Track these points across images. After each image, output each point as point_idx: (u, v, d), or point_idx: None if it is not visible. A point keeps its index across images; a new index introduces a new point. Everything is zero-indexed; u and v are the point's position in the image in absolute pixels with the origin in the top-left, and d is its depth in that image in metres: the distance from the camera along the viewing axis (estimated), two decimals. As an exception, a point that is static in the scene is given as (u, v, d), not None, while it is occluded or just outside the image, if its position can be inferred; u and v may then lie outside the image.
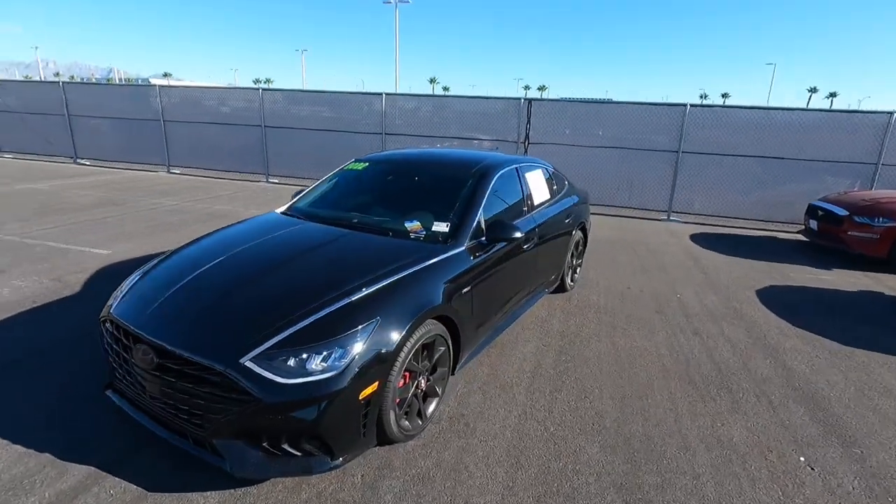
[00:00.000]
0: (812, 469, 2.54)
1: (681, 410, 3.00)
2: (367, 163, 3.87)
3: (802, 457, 2.63)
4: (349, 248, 2.83)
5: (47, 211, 7.41)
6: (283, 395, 1.97)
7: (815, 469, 2.54)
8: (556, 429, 2.77)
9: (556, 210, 4.27)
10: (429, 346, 2.58)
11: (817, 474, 2.50)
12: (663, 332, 4.11)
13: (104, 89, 13.39)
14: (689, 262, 6.28)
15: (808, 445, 2.72)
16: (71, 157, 13.09)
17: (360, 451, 2.26)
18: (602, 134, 9.43)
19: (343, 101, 10.93)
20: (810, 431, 2.84)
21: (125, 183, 10.29)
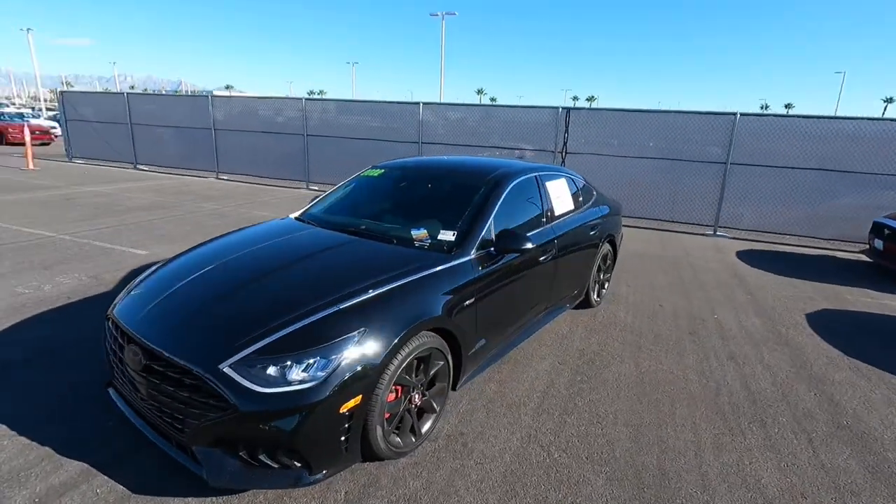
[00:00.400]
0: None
1: (704, 443, 2.72)
2: (383, 169, 3.83)
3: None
4: (349, 255, 2.77)
5: (102, 213, 7.88)
6: (260, 404, 1.91)
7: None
8: (561, 455, 2.57)
9: (579, 221, 4.06)
10: (424, 359, 2.46)
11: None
12: (694, 356, 3.80)
13: (163, 100, 14.24)
14: (732, 281, 5.85)
15: (850, 494, 2.39)
16: (132, 162, 13.96)
17: (342, 466, 2.16)
18: (646, 144, 9.05)
19: (381, 111, 11.08)
20: (855, 478, 2.50)
21: (176, 188, 10.84)
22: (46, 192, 9.42)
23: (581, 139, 9.33)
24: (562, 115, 9.19)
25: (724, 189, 8.50)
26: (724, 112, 8.31)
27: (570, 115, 9.17)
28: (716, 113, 8.41)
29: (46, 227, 6.73)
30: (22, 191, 9.47)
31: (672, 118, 8.79)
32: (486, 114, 10.48)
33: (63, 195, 9.26)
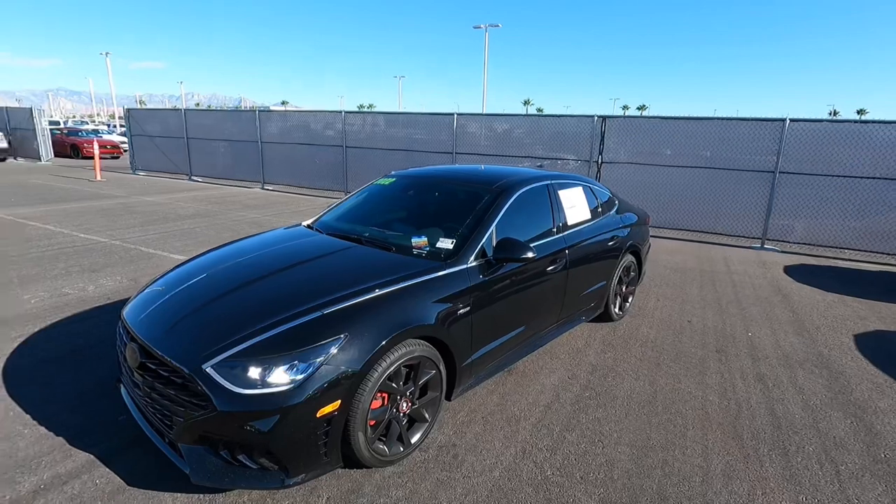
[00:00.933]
0: (875, 567, 1.99)
1: (713, 469, 2.53)
2: (394, 178, 3.87)
3: (865, 549, 2.08)
4: (343, 261, 2.81)
5: (153, 220, 8.41)
6: (238, 404, 1.96)
7: (880, 568, 1.99)
8: (553, 473, 2.47)
9: (596, 231, 3.93)
10: (413, 367, 2.45)
11: (882, 575, 1.95)
12: (717, 375, 3.57)
13: (215, 115, 15.09)
14: (775, 298, 5.46)
15: (877, 535, 2.15)
16: (187, 174, 14.86)
17: (321, 471, 2.17)
18: (688, 153, 8.67)
19: (417, 122, 11.24)
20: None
21: (223, 198, 11.42)
22: (108, 201, 10.17)
23: (619, 148, 9.07)
24: (597, 124, 8.98)
25: (772, 199, 7.98)
26: (771, 118, 7.84)
27: (606, 123, 8.94)
28: (762, 119, 7.94)
29: (101, 233, 7.26)
30: (87, 199, 10.27)
31: (716, 126, 8.38)
32: (521, 123, 10.41)
33: (122, 204, 9.96)
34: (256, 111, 13.22)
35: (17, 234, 6.97)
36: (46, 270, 5.34)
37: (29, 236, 6.85)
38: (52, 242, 6.55)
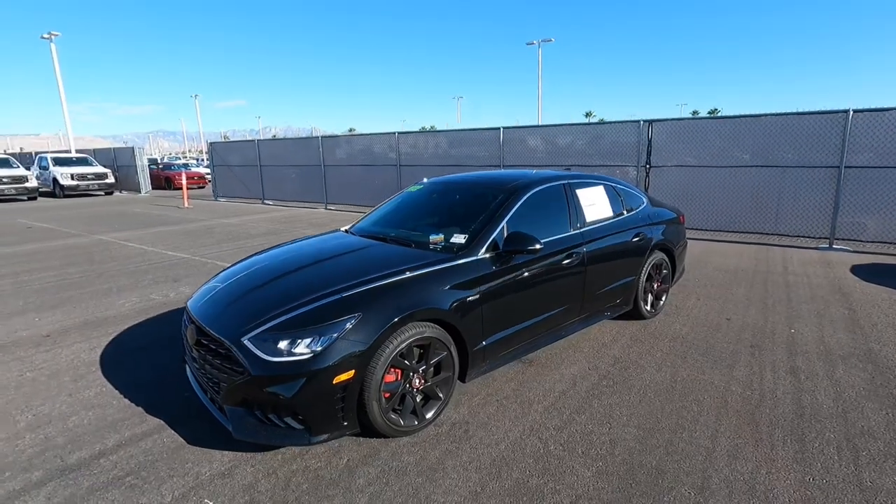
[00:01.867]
0: (874, 542, 1.97)
1: (718, 450, 2.57)
2: (422, 185, 4.22)
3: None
4: (365, 256, 3.17)
5: (228, 239, 9.37)
6: (267, 370, 2.34)
7: (878, 542, 1.96)
8: (556, 448, 2.62)
9: (618, 228, 4.02)
10: (425, 347, 2.72)
11: (878, 549, 1.93)
12: (747, 368, 3.51)
13: (283, 143, 16.42)
14: (832, 297, 5.16)
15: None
16: (260, 198, 16.23)
17: (339, 433, 2.49)
18: (743, 152, 8.35)
19: (467, 138, 11.66)
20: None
21: (289, 218, 12.40)
22: (192, 225, 11.42)
23: (670, 151, 8.91)
24: (644, 129, 8.89)
25: (839, 196, 7.48)
26: (832, 111, 7.40)
27: (653, 127, 8.83)
28: (823, 112, 7.51)
29: (185, 250, 8.23)
30: (176, 223, 11.60)
31: (772, 122, 8.03)
32: (569, 133, 10.48)
33: (204, 226, 11.15)
34: (319, 138, 14.28)
35: (118, 252, 8.09)
36: (138, 281, 6.20)
37: (127, 254, 7.93)
38: (144, 259, 7.54)
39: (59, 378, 3.51)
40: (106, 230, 10.61)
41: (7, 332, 4.43)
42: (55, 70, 25.57)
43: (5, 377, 3.54)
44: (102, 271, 6.76)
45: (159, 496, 2.29)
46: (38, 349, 4.05)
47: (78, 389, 3.33)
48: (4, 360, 3.84)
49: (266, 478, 2.41)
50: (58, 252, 8.18)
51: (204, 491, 2.32)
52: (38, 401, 3.19)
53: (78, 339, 4.24)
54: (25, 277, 6.45)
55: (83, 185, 19.62)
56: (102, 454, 2.61)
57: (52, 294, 5.65)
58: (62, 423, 2.93)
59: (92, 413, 3.03)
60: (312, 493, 2.30)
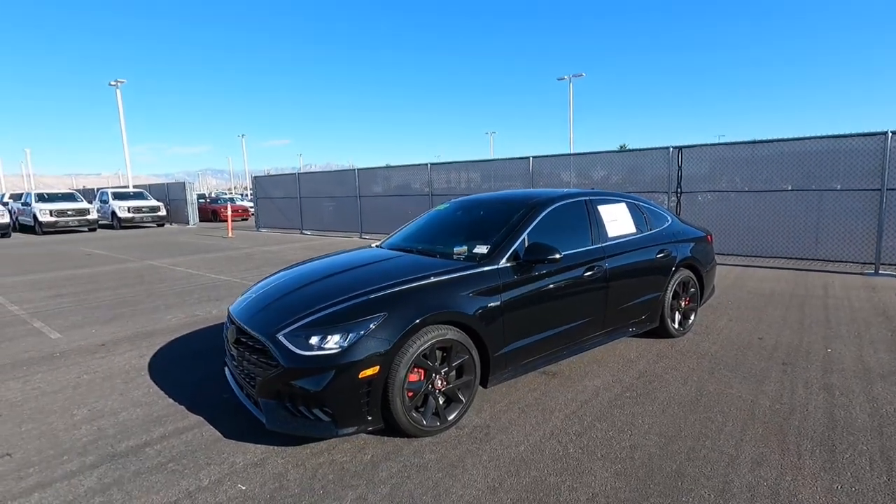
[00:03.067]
0: (903, 546, 1.91)
1: (742, 457, 2.54)
2: (449, 204, 4.42)
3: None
4: (393, 265, 3.35)
5: (267, 264, 9.81)
6: (298, 362, 2.52)
7: (907, 547, 1.90)
8: (575, 451, 2.65)
9: (640, 243, 4.07)
10: (447, 350, 2.84)
11: (907, 553, 1.87)
12: (777, 384, 3.44)
13: (321, 176, 17.18)
14: (875, 319, 4.97)
15: (916, 522, 2.04)
16: (299, 228, 16.91)
17: (364, 427, 2.61)
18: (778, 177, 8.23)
19: (497, 168, 11.93)
20: (935, 509, 2.11)
21: (325, 246, 12.86)
22: (235, 252, 12.02)
23: (700, 178, 8.87)
24: (673, 155, 8.91)
25: (882, 219, 7.23)
26: (871, 133, 7.25)
27: (683, 153, 8.84)
28: (861, 134, 7.37)
29: (227, 273, 8.68)
30: (220, 251, 12.23)
31: (807, 145, 7.91)
32: (598, 161, 10.58)
33: (246, 253, 11.71)
34: (356, 170, 14.89)
35: (166, 275, 8.62)
36: (184, 300, 6.60)
37: (175, 277, 8.43)
38: (190, 281, 8.01)
39: (111, 380, 3.80)
40: (156, 257, 11.31)
41: (68, 342, 4.81)
42: (119, 114, 27.86)
43: (65, 378, 3.86)
44: (152, 291, 7.22)
45: (197, 480, 2.46)
46: (94, 356, 4.38)
47: (128, 390, 3.60)
48: (65, 364, 4.18)
49: (295, 468, 2.55)
50: (113, 275, 8.79)
51: (238, 477, 2.47)
52: (93, 398, 3.47)
53: (129, 349, 4.56)
54: (84, 296, 6.97)
55: (138, 218, 20.98)
56: (148, 444, 2.82)
57: (107, 310, 6.08)
58: (113, 417, 3.17)
59: (140, 410, 3.27)
60: (337, 482, 2.42)
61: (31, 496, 2.36)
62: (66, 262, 10.79)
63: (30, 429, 3.04)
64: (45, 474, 2.54)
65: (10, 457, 2.72)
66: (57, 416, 3.21)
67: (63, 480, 2.49)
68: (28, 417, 3.20)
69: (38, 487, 2.43)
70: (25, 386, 3.72)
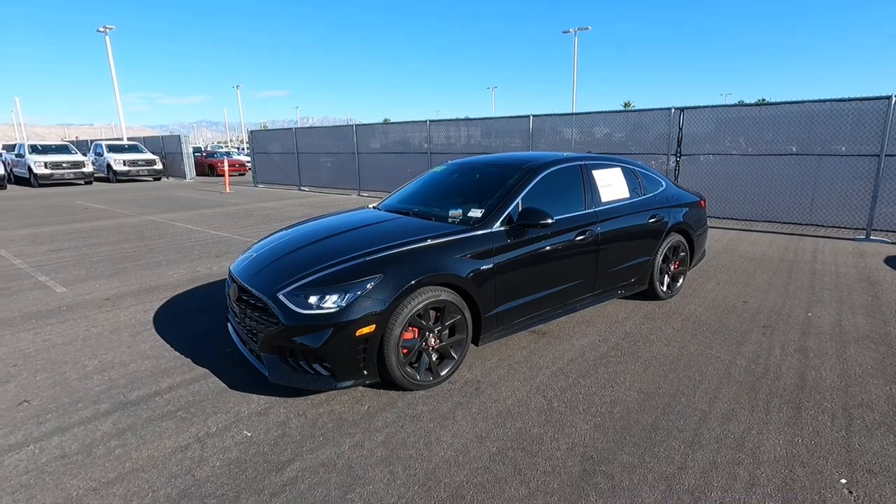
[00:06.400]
0: (850, 493, 2.10)
1: (713, 413, 2.72)
2: (445, 166, 4.45)
3: (844, 479, 2.18)
4: (389, 227, 3.43)
5: (265, 221, 9.87)
6: (298, 321, 2.64)
7: (854, 493, 2.10)
8: (559, 405, 2.83)
9: (633, 208, 4.15)
10: (441, 310, 2.96)
11: (853, 499, 2.07)
12: (755, 346, 3.61)
13: (319, 131, 16.91)
14: (858, 285, 5.11)
15: (866, 472, 2.23)
16: (297, 185, 16.82)
17: (361, 381, 2.77)
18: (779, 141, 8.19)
19: (496, 126, 11.78)
20: (888, 462, 2.30)
21: (324, 203, 12.86)
22: (233, 208, 12.03)
23: (702, 139, 8.82)
24: (675, 117, 8.81)
25: (877, 186, 7.26)
26: (874, 97, 7.17)
27: (685, 115, 8.74)
28: (864, 98, 7.28)
29: (226, 230, 8.76)
30: (218, 206, 12.24)
31: (808, 109, 7.83)
32: (598, 121, 10.46)
33: (244, 209, 11.73)
34: (353, 126, 14.67)
35: (166, 231, 8.69)
36: (185, 256, 6.70)
37: (175, 233, 8.51)
38: (190, 237, 8.09)
39: (119, 333, 3.95)
40: (155, 211, 11.33)
41: (73, 296, 4.95)
42: (109, 62, 27.01)
43: (74, 331, 4.01)
44: (153, 247, 7.32)
45: (206, 427, 2.64)
46: (99, 310, 4.52)
47: (136, 343, 3.76)
48: (73, 317, 4.33)
49: (297, 417, 2.72)
50: (113, 230, 8.85)
51: (243, 425, 2.65)
52: (102, 350, 3.63)
53: (134, 303, 4.70)
54: (86, 251, 7.07)
55: (134, 171, 20.79)
56: (157, 393, 2.99)
57: (109, 265, 6.20)
58: (123, 368, 3.34)
59: (148, 362, 3.43)
60: (336, 430, 2.60)
61: (52, 439, 2.54)
62: (63, 215, 10.82)
63: (44, 378, 3.21)
64: (63, 420, 2.72)
65: (28, 403, 2.90)
66: (69, 366, 3.38)
67: (80, 426, 2.66)
68: (41, 367, 3.36)
69: (58, 431, 2.61)
70: (36, 338, 3.88)
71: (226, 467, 2.31)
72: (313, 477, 2.24)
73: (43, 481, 2.23)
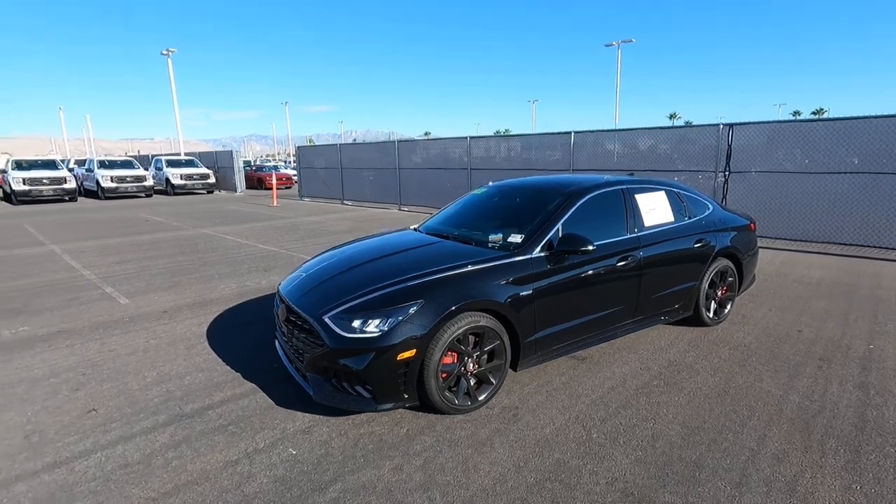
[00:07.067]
0: (914, 549, 1.97)
1: (763, 452, 2.61)
2: (487, 188, 4.50)
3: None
4: (430, 251, 3.50)
5: (310, 235, 10.22)
6: (342, 343, 2.74)
7: (919, 550, 1.97)
8: (599, 436, 2.80)
9: (677, 233, 4.06)
10: (480, 335, 3.00)
11: (918, 556, 1.94)
12: (810, 379, 3.44)
13: (362, 147, 17.41)
14: (928, 314, 4.77)
15: (933, 527, 2.09)
16: (340, 198, 17.32)
17: (401, 403, 2.84)
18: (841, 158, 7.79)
19: (537, 143, 11.76)
20: (955, 515, 2.14)
21: (365, 217, 13.19)
22: (280, 222, 12.52)
23: (753, 153, 8.48)
24: (724, 133, 8.54)
25: (950, 206, 6.77)
26: (945, 112, 6.72)
27: (734, 131, 8.46)
28: (934, 114, 6.84)
29: (273, 244, 9.12)
30: (266, 220, 12.77)
31: (870, 125, 7.42)
32: (641, 137, 10.27)
33: (290, 223, 12.19)
34: (395, 142, 15.01)
35: (219, 244, 9.15)
36: (235, 270, 7.04)
37: (226, 246, 8.95)
38: (240, 251, 8.48)
39: (175, 346, 4.20)
40: (207, 224, 11.94)
41: (135, 307, 5.29)
42: (171, 83, 28.83)
43: (136, 342, 4.29)
44: (206, 260, 7.72)
45: (254, 443, 2.77)
46: (158, 322, 4.82)
47: (191, 356, 3.98)
48: (135, 328, 4.64)
49: (339, 437, 2.82)
50: (170, 242, 9.40)
51: (288, 442, 2.77)
52: (160, 362, 3.87)
53: (189, 316, 4.98)
54: (146, 263, 7.54)
55: (190, 185, 22.01)
56: (210, 407, 3.17)
57: (167, 277, 6.59)
58: (179, 380, 3.55)
59: (202, 375, 3.63)
60: (376, 452, 2.67)
61: (116, 448, 2.74)
62: (127, 227, 11.58)
63: (109, 387, 3.46)
64: (126, 429, 2.92)
65: (95, 412, 3.13)
66: (131, 377, 3.62)
67: (141, 436, 2.85)
68: (107, 377, 3.62)
69: (121, 440, 2.81)
70: (103, 347, 4.18)
71: (272, 484, 2.42)
72: (354, 499, 2.31)
73: (108, 489, 2.40)
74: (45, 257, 8.11)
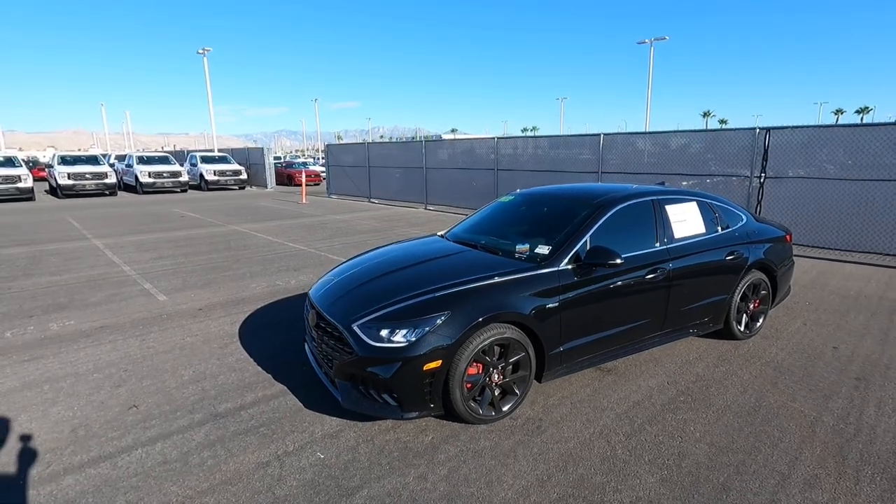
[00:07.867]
0: (953, 588, 1.91)
1: (794, 477, 2.56)
2: (513, 196, 4.51)
3: (946, 571, 1.99)
4: (457, 261, 3.53)
5: (338, 234, 10.39)
6: (370, 352, 2.81)
7: (958, 589, 1.90)
8: (623, 452, 2.79)
9: (709, 245, 3.98)
10: (505, 346, 3.03)
11: None
12: (845, 401, 3.33)
13: (390, 146, 17.56)
14: (977, 333, 4.55)
15: (974, 565, 2.01)
16: (367, 197, 17.52)
17: (426, 412, 2.89)
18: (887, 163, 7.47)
19: (564, 144, 11.64)
20: None
21: (392, 216, 13.31)
22: (308, 219, 12.76)
23: (791, 155, 8.20)
24: (760, 137, 8.29)
25: None
26: None
27: (770, 136, 8.20)
28: None
29: (302, 242, 9.32)
30: (295, 218, 13.04)
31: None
32: (673, 140, 10.04)
33: (318, 221, 12.41)
34: (422, 141, 15.07)
35: (250, 242, 9.40)
36: (266, 268, 7.23)
37: (257, 244, 9.18)
38: (270, 249, 8.70)
39: (210, 344, 4.36)
40: (239, 221, 12.27)
41: (173, 305, 5.51)
42: (206, 81, 29.61)
43: (173, 339, 4.47)
44: (238, 258, 7.95)
45: (284, 445, 2.86)
46: (194, 320, 5.01)
47: (224, 355, 4.13)
48: (172, 326, 4.83)
49: (365, 443, 2.89)
50: (204, 239, 9.70)
51: (317, 446, 2.85)
52: (196, 361, 4.02)
53: (222, 314, 5.16)
54: (182, 260, 7.81)
55: (223, 181, 22.63)
56: (242, 407, 3.29)
57: (202, 275, 6.82)
58: (214, 380, 3.69)
59: (234, 375, 3.76)
60: (401, 460, 2.73)
61: (156, 445, 2.87)
62: (163, 223, 12.00)
63: (149, 384, 3.62)
64: (164, 427, 3.06)
65: (136, 408, 3.29)
66: (169, 374, 3.78)
67: (178, 434, 2.99)
68: (147, 374, 3.79)
69: (160, 438, 2.95)
70: (143, 344, 4.37)
71: (301, 488, 2.51)
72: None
73: (148, 485, 2.53)
74: (88, 252, 8.49)
